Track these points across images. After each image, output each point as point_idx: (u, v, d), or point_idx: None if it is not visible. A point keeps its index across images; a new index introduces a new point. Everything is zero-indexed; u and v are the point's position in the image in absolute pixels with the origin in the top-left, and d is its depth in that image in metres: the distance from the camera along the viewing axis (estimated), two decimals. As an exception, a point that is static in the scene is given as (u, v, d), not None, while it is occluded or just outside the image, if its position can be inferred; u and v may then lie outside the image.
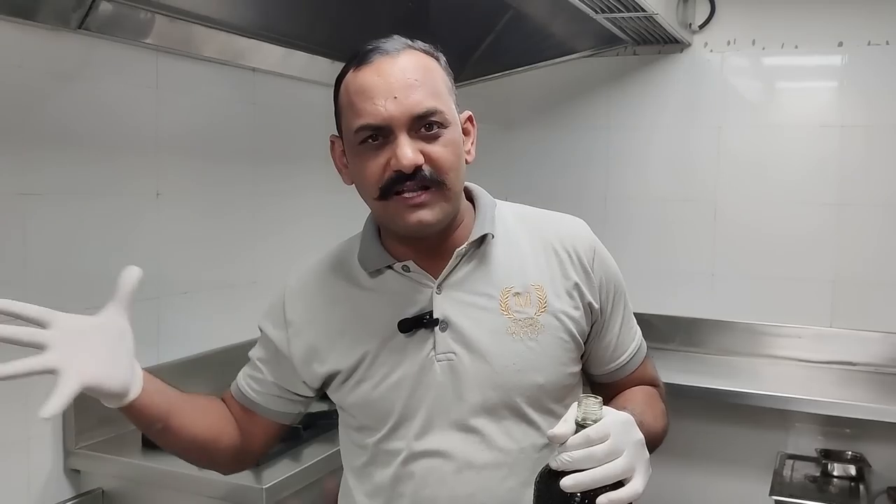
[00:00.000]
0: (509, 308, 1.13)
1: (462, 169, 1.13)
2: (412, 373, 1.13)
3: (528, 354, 1.13)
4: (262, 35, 2.25)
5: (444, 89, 1.11)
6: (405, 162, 1.04)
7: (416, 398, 1.13)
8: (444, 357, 1.12)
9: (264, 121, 2.40)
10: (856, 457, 2.55)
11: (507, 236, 1.19)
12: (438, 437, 1.13)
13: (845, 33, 2.68)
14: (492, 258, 1.16)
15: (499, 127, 3.16)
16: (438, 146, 1.08)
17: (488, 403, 1.12)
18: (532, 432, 1.14)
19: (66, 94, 1.81)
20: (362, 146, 1.08)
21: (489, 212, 1.19)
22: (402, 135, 1.05)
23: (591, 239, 1.22)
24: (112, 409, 1.10)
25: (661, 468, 3.15)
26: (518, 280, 1.15)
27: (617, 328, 1.24)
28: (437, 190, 1.08)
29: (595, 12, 2.41)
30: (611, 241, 1.29)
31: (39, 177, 1.76)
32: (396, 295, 1.15)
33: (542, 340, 1.14)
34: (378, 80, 1.06)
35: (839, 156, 2.71)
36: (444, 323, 1.13)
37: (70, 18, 1.75)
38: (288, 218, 2.53)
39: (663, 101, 2.92)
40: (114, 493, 1.84)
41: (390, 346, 1.14)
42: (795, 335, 2.76)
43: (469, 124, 1.18)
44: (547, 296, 1.15)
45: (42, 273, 1.77)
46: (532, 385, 1.13)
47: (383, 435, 1.15)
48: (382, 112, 1.05)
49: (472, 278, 1.15)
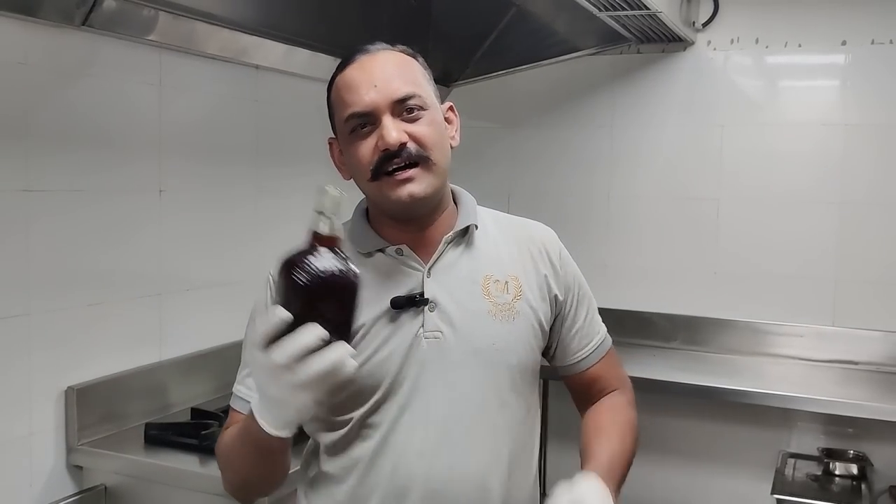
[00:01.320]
0: (490, 293, 1.24)
1: (447, 148, 1.23)
2: (402, 348, 1.20)
3: (507, 336, 1.23)
4: (264, 32, 2.25)
5: (423, 80, 1.23)
6: (390, 140, 1.15)
7: (402, 373, 1.19)
8: (431, 335, 1.20)
9: (267, 118, 2.40)
10: (858, 456, 2.55)
11: (485, 231, 1.30)
12: (420, 411, 1.19)
13: (849, 32, 2.67)
14: (475, 247, 1.27)
15: (502, 125, 3.16)
16: (421, 125, 1.18)
17: (469, 380, 1.21)
18: (507, 411, 1.23)
19: (69, 92, 1.82)
20: (353, 135, 1.19)
21: (471, 207, 1.30)
22: (387, 117, 1.16)
23: (558, 241, 1.36)
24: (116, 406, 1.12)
25: (662, 467, 3.15)
26: (497, 269, 1.26)
27: (582, 320, 1.35)
28: (423, 165, 1.17)
29: (599, 10, 2.41)
30: (614, 239, 1.32)
31: (42, 174, 1.76)
32: (388, 276, 1.23)
33: (518, 324, 1.24)
34: (360, 73, 1.19)
35: (842, 155, 2.71)
36: (433, 303, 1.21)
37: (74, 15, 1.75)
38: (290, 214, 2.53)
39: (666, 100, 2.92)
40: (116, 489, 1.84)
41: (382, 321, 1.20)
42: (798, 334, 2.76)
43: (451, 113, 1.28)
44: (522, 286, 1.26)
45: (45, 269, 1.77)
46: (509, 364, 1.23)
47: (369, 408, 1.20)
48: (366, 99, 1.16)
49: (458, 264, 1.25)
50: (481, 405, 1.21)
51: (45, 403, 1.80)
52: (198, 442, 1.83)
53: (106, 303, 1.91)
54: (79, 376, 1.85)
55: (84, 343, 1.87)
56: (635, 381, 1.46)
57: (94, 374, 1.88)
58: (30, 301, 1.75)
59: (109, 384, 1.91)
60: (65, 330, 1.82)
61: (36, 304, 1.76)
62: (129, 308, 1.98)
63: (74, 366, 1.85)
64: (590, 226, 3.02)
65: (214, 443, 1.81)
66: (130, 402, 1.96)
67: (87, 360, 1.88)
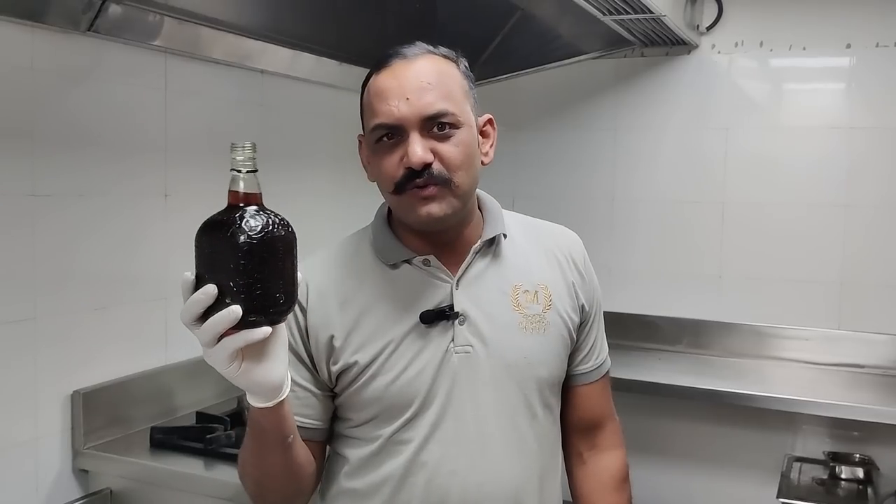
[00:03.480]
0: (520, 304, 1.21)
1: (474, 168, 1.19)
2: (433, 364, 1.17)
3: (538, 348, 1.21)
4: (269, 37, 2.26)
5: (460, 93, 1.17)
6: (415, 160, 1.11)
7: (434, 389, 1.17)
8: (462, 350, 1.18)
9: (272, 122, 2.41)
10: (864, 459, 2.54)
11: (513, 239, 1.27)
12: (452, 427, 1.17)
13: (853, 35, 2.67)
14: (503, 257, 1.24)
15: (506, 128, 3.14)
16: (449, 145, 1.14)
17: (500, 395, 1.18)
18: (537, 425, 1.22)
19: (75, 96, 1.82)
20: (378, 144, 1.16)
21: (498, 215, 1.27)
22: (414, 134, 1.12)
23: (583, 248, 1.34)
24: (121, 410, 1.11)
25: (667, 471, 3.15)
26: (526, 279, 1.23)
27: (596, 332, 1.34)
28: (445, 187, 1.13)
29: (603, 14, 2.41)
30: (618, 243, 1.32)
31: (48, 178, 1.77)
32: (416, 288, 1.19)
33: (549, 336, 1.22)
34: (393, 82, 1.13)
35: (847, 158, 2.70)
36: (463, 317, 1.18)
37: (80, 21, 1.75)
38: (295, 219, 2.53)
39: (671, 103, 2.92)
40: (122, 493, 1.85)
41: (412, 336, 1.17)
42: (803, 337, 2.75)
43: (489, 127, 1.26)
44: (552, 295, 1.24)
45: (51, 273, 1.78)
46: (539, 378, 1.21)
47: (399, 424, 1.17)
48: (395, 112, 1.12)
49: (486, 275, 1.21)
50: (513, 420, 1.19)
51: (51, 407, 1.80)
52: (203, 446, 1.84)
53: (111, 306, 1.92)
54: (84, 380, 1.86)
55: (90, 347, 1.87)
56: (640, 384, 1.47)
57: (100, 378, 1.89)
58: (36, 305, 1.75)
59: (115, 388, 1.91)
60: (70, 334, 1.83)
61: (42, 308, 1.76)
62: (134, 312, 1.98)
63: (80, 369, 1.85)
64: (594, 229, 3.01)
65: (220, 447, 1.84)
66: (136, 406, 1.96)
67: (93, 364, 1.88)
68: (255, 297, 0.89)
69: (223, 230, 0.91)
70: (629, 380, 2.51)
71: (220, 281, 0.89)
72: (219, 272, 0.90)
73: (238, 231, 0.90)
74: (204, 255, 0.91)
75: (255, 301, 0.89)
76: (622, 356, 2.81)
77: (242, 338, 0.90)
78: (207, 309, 0.89)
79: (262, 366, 0.95)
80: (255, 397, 1.00)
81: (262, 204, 0.96)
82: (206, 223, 0.93)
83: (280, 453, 1.10)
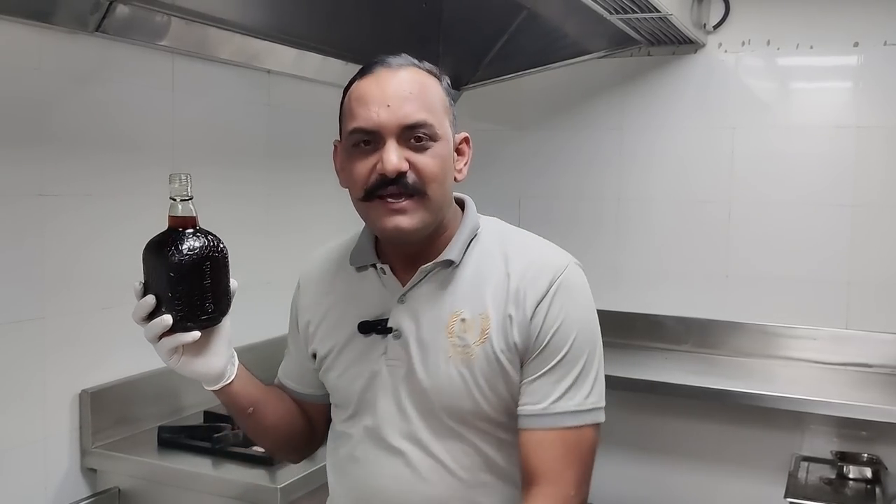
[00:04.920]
0: (453, 332, 1.17)
1: (448, 183, 1.17)
2: (367, 372, 1.22)
3: (459, 380, 1.16)
4: (276, 37, 2.26)
5: (440, 107, 1.16)
6: (389, 167, 1.10)
7: (367, 395, 1.22)
8: (392, 363, 1.20)
9: (279, 122, 2.41)
10: (871, 459, 2.53)
11: (479, 261, 1.20)
12: (382, 435, 1.21)
13: (861, 33, 2.66)
14: (452, 281, 1.20)
15: (512, 128, 3.17)
16: (425, 157, 1.13)
17: (421, 415, 1.19)
18: (462, 445, 1.19)
19: (83, 96, 1.83)
20: (354, 148, 1.15)
21: (467, 235, 1.21)
22: (391, 141, 1.12)
23: (556, 285, 1.16)
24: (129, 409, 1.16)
25: (675, 470, 3.15)
26: (469, 307, 1.18)
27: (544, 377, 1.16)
28: (418, 198, 1.13)
29: (609, 13, 2.41)
30: (624, 243, 1.29)
31: (57, 178, 1.77)
32: (369, 294, 1.23)
33: (475, 369, 1.16)
34: (376, 88, 1.13)
35: (855, 157, 2.69)
36: (398, 332, 1.20)
37: (88, 21, 1.76)
38: (302, 218, 2.54)
39: (677, 102, 2.92)
40: (130, 492, 1.85)
41: (353, 342, 1.23)
42: (810, 337, 2.74)
43: (465, 145, 1.23)
44: (490, 327, 1.16)
45: (59, 273, 1.79)
46: (460, 408, 1.17)
47: (346, 417, 1.27)
48: (374, 118, 1.11)
49: (431, 297, 1.20)
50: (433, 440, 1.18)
51: (60, 406, 1.81)
52: (210, 445, 1.84)
53: (120, 306, 1.92)
54: (93, 379, 1.87)
55: (98, 346, 1.88)
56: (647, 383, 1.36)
57: (108, 378, 1.90)
58: (44, 304, 1.76)
59: (123, 387, 1.92)
60: (79, 333, 1.84)
61: (50, 308, 1.77)
62: (142, 311, 1.99)
63: (88, 369, 1.86)
64: (600, 228, 3.01)
65: (227, 446, 1.84)
66: (144, 406, 1.97)
67: (101, 364, 1.89)
68: (186, 307, 1.07)
69: (161, 250, 1.08)
70: (636, 379, 2.51)
71: (158, 292, 1.08)
72: (158, 285, 1.08)
73: (173, 252, 1.07)
74: (148, 270, 1.10)
75: (186, 310, 1.08)
76: (629, 356, 2.82)
77: (175, 340, 1.09)
78: (151, 313, 1.08)
79: (200, 359, 1.14)
80: (202, 382, 1.18)
81: (197, 226, 1.11)
82: (149, 243, 1.10)
83: (245, 420, 1.27)
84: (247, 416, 1.26)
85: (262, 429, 1.31)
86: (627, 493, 2.91)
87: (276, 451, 1.42)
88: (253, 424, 1.29)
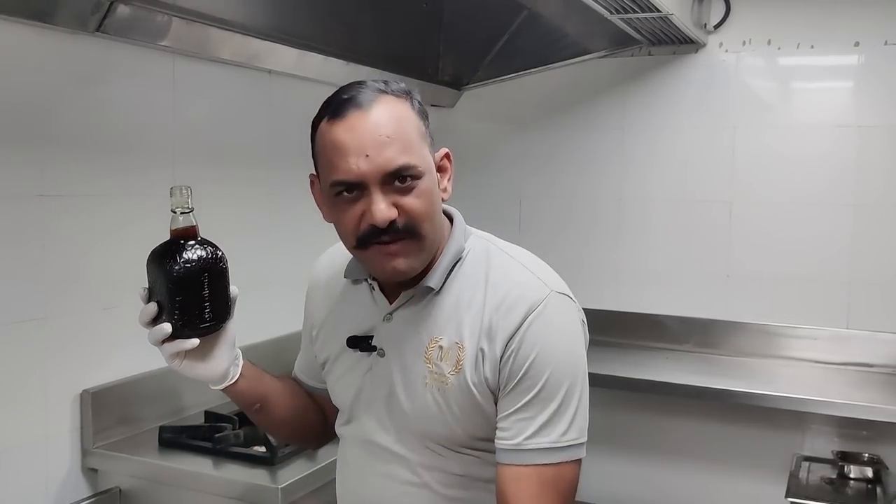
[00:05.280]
0: (431, 359, 1.17)
1: (438, 215, 1.16)
2: (355, 383, 1.25)
3: (434, 407, 1.16)
4: (277, 37, 2.26)
5: (417, 138, 1.12)
6: (379, 217, 1.09)
7: (355, 406, 1.26)
8: (376, 381, 1.23)
9: (279, 122, 2.41)
10: (872, 459, 2.53)
11: (462, 286, 1.18)
12: (368, 445, 1.24)
13: (862, 33, 2.66)
14: (433, 306, 1.19)
15: (513, 128, 3.16)
16: (412, 198, 1.10)
17: (402, 437, 1.21)
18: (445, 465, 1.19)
19: (84, 97, 1.83)
20: (338, 198, 1.12)
21: (448, 261, 1.19)
22: (376, 190, 1.09)
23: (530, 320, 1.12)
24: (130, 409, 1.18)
25: (676, 470, 3.15)
26: (448, 333, 1.16)
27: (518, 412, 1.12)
28: (411, 240, 1.12)
29: (609, 13, 2.41)
30: (625, 242, 1.29)
31: (58, 179, 1.77)
32: (361, 308, 1.26)
33: (450, 398, 1.15)
34: (351, 137, 1.09)
35: (855, 156, 2.69)
36: (381, 351, 1.22)
37: (88, 21, 1.76)
38: (303, 218, 2.53)
39: (678, 102, 2.92)
40: (131, 491, 1.85)
41: (343, 355, 1.27)
42: (811, 336, 2.74)
43: (446, 161, 1.20)
44: (465, 357, 1.14)
45: (61, 273, 1.79)
46: (436, 433, 1.18)
47: (342, 422, 1.31)
48: (355, 170, 1.08)
49: (413, 319, 1.20)
50: (414, 458, 1.19)
51: (61, 406, 1.81)
52: (212, 445, 1.84)
53: (121, 306, 1.92)
54: (94, 379, 1.87)
55: (99, 346, 1.88)
56: (648, 383, 1.39)
57: (109, 378, 1.90)
58: (45, 305, 1.76)
59: (124, 387, 1.92)
60: (80, 333, 1.84)
61: (51, 308, 1.77)
62: (143, 312, 1.99)
63: (90, 369, 1.86)
64: (601, 228, 3.01)
65: (228, 446, 1.84)
66: (145, 405, 1.97)
67: (102, 363, 1.89)
68: (185, 315, 1.11)
69: (161, 260, 1.11)
70: (637, 379, 2.51)
71: (159, 300, 1.12)
72: (159, 293, 1.12)
73: (173, 263, 1.10)
74: (151, 278, 1.14)
75: (184, 319, 1.11)
76: (630, 355, 2.83)
77: (175, 346, 1.13)
78: (154, 318, 1.13)
79: (202, 363, 1.18)
80: (207, 383, 1.22)
81: (198, 237, 1.15)
82: (152, 252, 1.14)
83: (254, 414, 1.33)
84: (254, 411, 1.31)
85: (273, 422, 1.37)
86: (628, 493, 2.91)
87: (290, 441, 1.53)
88: (263, 418, 1.34)
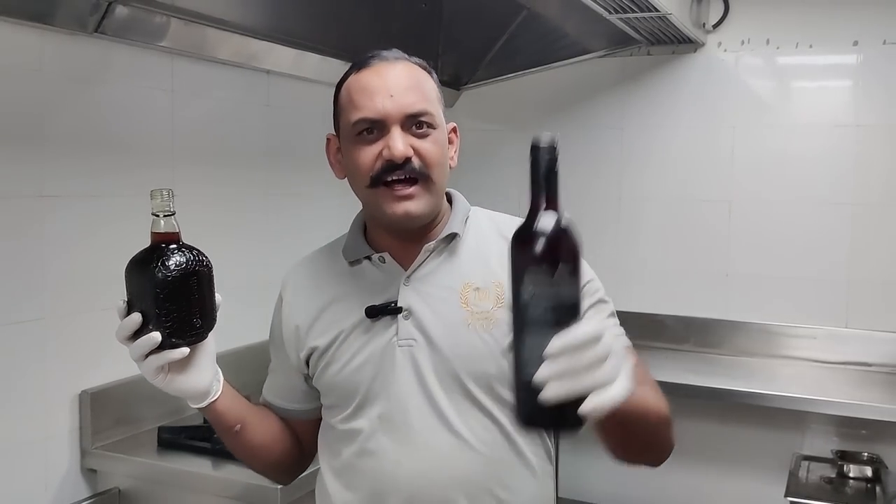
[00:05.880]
0: (468, 301, 1.21)
1: (446, 168, 1.23)
2: (376, 356, 1.21)
3: (482, 346, 1.19)
4: (275, 37, 2.26)
5: (435, 98, 1.22)
6: (397, 152, 1.14)
7: (378, 380, 1.21)
8: (405, 343, 1.21)
9: (278, 122, 2.41)
10: (872, 458, 2.53)
11: (478, 236, 1.27)
12: (397, 419, 1.20)
13: (860, 32, 2.66)
14: (458, 255, 1.24)
15: (512, 127, 3.17)
16: (427, 143, 1.18)
17: (443, 388, 1.19)
18: (484, 418, 1.20)
19: (82, 97, 1.83)
20: (358, 137, 1.18)
21: (462, 214, 1.27)
22: (396, 128, 1.16)
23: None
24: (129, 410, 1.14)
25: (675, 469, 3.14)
26: (480, 276, 1.23)
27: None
28: (423, 183, 1.17)
29: (608, 13, 2.41)
30: (625, 242, 1.30)
31: (57, 179, 1.78)
32: (369, 285, 1.25)
33: (496, 333, 1.19)
34: (378, 79, 1.18)
35: (854, 156, 2.70)
36: (408, 312, 1.21)
37: (87, 22, 1.76)
38: (302, 219, 2.54)
39: (677, 102, 2.92)
40: (130, 492, 1.86)
41: (359, 329, 1.23)
42: (810, 336, 2.75)
43: (453, 134, 1.28)
44: (505, 291, 1.16)
45: (59, 274, 1.79)
46: (484, 374, 1.19)
47: (349, 413, 1.24)
48: (379, 107, 1.16)
49: (438, 273, 1.23)
50: (459, 413, 1.19)
51: (60, 407, 1.81)
52: (210, 445, 1.84)
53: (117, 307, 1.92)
54: (93, 380, 1.87)
55: (98, 347, 1.88)
56: None
57: (108, 378, 1.90)
58: (44, 305, 1.76)
59: (123, 388, 1.92)
60: (79, 334, 1.84)
61: (50, 309, 1.77)
62: (142, 312, 1.99)
63: (89, 369, 1.86)
64: (600, 228, 3.02)
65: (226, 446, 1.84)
66: (144, 406, 1.97)
67: (102, 364, 1.89)
68: (174, 323, 1.06)
69: (145, 267, 1.07)
70: (636, 378, 2.51)
71: (144, 310, 1.07)
72: (143, 302, 1.07)
73: (157, 269, 1.06)
74: (132, 288, 1.09)
75: (173, 327, 1.07)
76: (629, 355, 2.82)
77: (163, 358, 1.08)
78: (137, 331, 1.07)
79: (185, 377, 1.13)
80: (188, 400, 1.17)
81: (181, 241, 1.11)
82: (131, 260, 1.09)
83: (232, 438, 1.27)
84: (234, 434, 1.26)
85: (251, 448, 1.31)
86: (627, 493, 2.91)
87: (266, 472, 1.40)
88: (241, 443, 1.29)
